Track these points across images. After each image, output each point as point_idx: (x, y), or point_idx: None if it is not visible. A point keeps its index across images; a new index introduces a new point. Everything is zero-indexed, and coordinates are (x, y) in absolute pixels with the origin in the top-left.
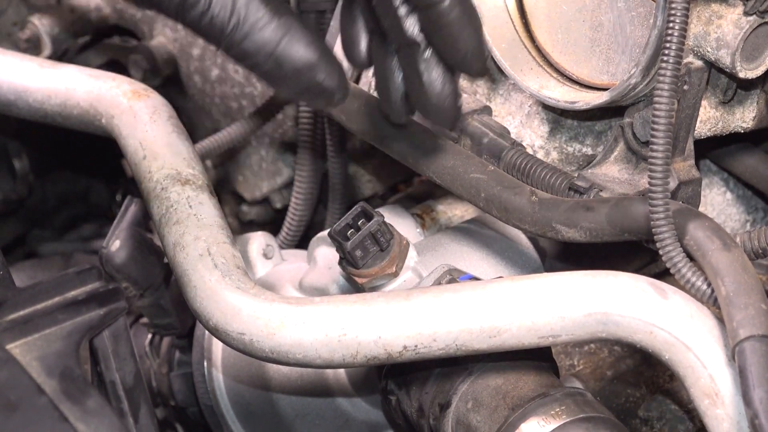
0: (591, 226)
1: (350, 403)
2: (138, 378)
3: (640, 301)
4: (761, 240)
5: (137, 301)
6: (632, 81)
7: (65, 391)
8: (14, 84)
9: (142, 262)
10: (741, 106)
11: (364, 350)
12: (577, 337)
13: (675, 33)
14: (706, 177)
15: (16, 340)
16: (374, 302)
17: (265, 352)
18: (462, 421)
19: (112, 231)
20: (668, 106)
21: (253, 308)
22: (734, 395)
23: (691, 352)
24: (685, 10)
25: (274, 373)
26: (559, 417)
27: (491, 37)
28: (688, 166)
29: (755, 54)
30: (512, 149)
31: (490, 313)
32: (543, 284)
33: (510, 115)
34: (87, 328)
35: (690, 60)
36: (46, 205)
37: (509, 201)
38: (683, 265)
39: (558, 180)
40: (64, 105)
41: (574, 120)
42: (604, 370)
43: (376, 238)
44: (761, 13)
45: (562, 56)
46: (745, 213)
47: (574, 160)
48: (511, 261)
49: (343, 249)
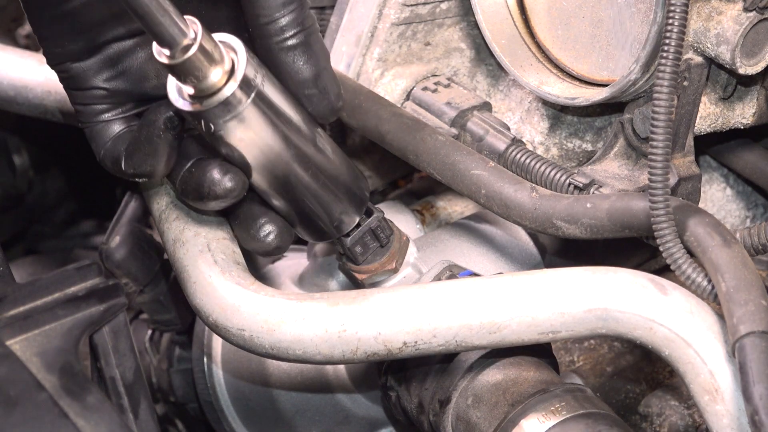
0: (591, 222)
1: (350, 399)
2: (138, 374)
3: (640, 297)
4: (761, 236)
5: (137, 297)
6: (632, 77)
7: (65, 386)
8: (14, 80)
9: (141, 258)
10: (741, 102)
11: (363, 346)
12: (577, 333)
13: (674, 29)
14: (706, 173)
15: (16, 336)
16: (374, 298)
17: (264, 348)
18: (462, 417)
19: (111, 227)
20: (668, 102)
21: (252, 304)
22: (734, 391)
23: (691, 348)
24: (684, 6)
25: (274, 369)
26: (559, 413)
27: (491, 33)
28: (688, 162)
29: (755, 50)
30: (512, 145)
31: (489, 309)
32: (543, 280)
33: (510, 111)
34: (87, 324)
35: (690, 56)
36: (45, 201)
37: (510, 197)
38: (683, 262)
39: (558, 176)
40: (64, 101)
41: (574, 116)
42: (604, 366)
43: (375, 234)
44: (761, 9)
45: (562, 52)
46: (745, 209)
47: (574, 156)
48: (511, 257)
49: (343, 245)
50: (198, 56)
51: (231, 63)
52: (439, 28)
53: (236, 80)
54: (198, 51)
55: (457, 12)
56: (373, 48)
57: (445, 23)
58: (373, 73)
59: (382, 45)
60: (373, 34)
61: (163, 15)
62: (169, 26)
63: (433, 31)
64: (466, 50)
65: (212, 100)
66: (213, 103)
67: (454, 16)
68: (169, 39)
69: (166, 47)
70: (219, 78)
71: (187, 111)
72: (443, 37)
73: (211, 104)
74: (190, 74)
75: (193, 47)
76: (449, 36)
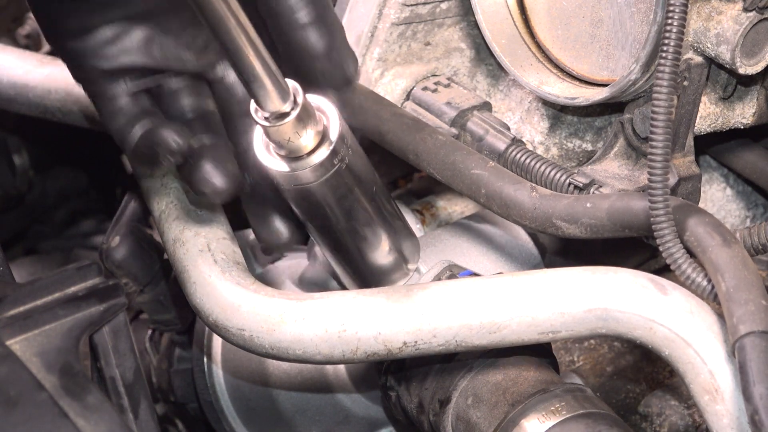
0: (591, 222)
1: (350, 399)
2: (138, 374)
3: (640, 297)
4: (761, 236)
5: (137, 297)
6: (632, 77)
7: (65, 386)
8: (14, 80)
9: (142, 258)
10: (741, 102)
11: (363, 346)
12: (577, 332)
13: (674, 29)
14: (706, 173)
15: (16, 336)
16: (374, 298)
17: (264, 347)
18: (462, 417)
19: (112, 227)
20: (667, 102)
21: (252, 304)
22: (734, 391)
23: (691, 348)
24: (683, 5)
25: (274, 369)
26: (559, 413)
27: (491, 33)
28: (688, 162)
29: (755, 50)
30: (512, 145)
31: (489, 308)
32: (543, 280)
33: (510, 111)
34: (87, 323)
35: (690, 56)
36: (46, 201)
37: (510, 197)
38: (683, 262)
39: (558, 176)
40: (64, 101)
41: (574, 116)
42: (604, 365)
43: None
44: (761, 9)
45: (562, 52)
46: (745, 209)
47: (574, 156)
48: (511, 257)
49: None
50: (293, 124)
51: (323, 129)
52: (439, 28)
53: (329, 146)
54: (295, 118)
55: (457, 12)
56: (373, 48)
57: (445, 23)
58: (373, 73)
59: (382, 45)
60: (373, 34)
61: (267, 76)
62: (271, 91)
63: (433, 31)
64: (466, 50)
65: (299, 164)
66: (302, 166)
67: (454, 16)
68: (267, 103)
69: (264, 110)
70: (309, 142)
71: (275, 171)
72: (443, 37)
73: (299, 167)
74: (281, 138)
75: (292, 114)
76: (449, 36)
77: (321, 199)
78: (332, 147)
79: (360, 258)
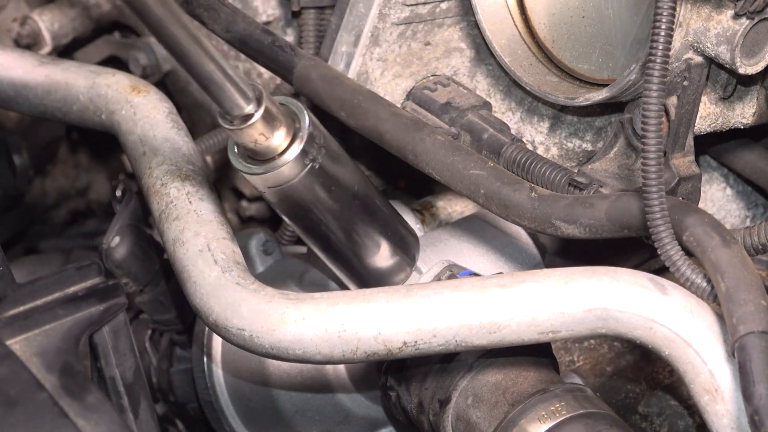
0: (590, 222)
1: (350, 399)
2: (138, 374)
3: (640, 297)
4: (761, 236)
5: (137, 297)
6: (631, 77)
7: (65, 386)
8: (14, 80)
9: (141, 258)
10: (741, 102)
11: (363, 346)
12: (577, 332)
13: (662, 26)
14: (705, 173)
15: (16, 335)
16: (374, 298)
17: (264, 347)
18: (462, 417)
19: (112, 227)
20: (657, 100)
21: (252, 304)
22: (734, 391)
23: (691, 348)
24: (671, 7)
25: (274, 369)
26: (559, 413)
27: (491, 33)
28: (688, 162)
29: (755, 50)
30: (512, 145)
31: (489, 308)
32: (543, 280)
33: (510, 111)
34: (87, 323)
35: (690, 56)
36: (46, 201)
37: (509, 197)
38: (681, 263)
39: (558, 176)
40: (64, 101)
41: (574, 116)
42: (604, 365)
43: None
44: (750, 13)
45: (562, 52)
46: (745, 209)
47: (574, 155)
48: (511, 257)
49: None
50: (259, 125)
51: (294, 129)
52: (439, 28)
53: (299, 144)
54: (260, 119)
55: (457, 12)
56: (373, 48)
57: (445, 23)
58: (373, 73)
59: (382, 45)
60: (373, 34)
61: (224, 79)
62: (232, 94)
63: (433, 30)
64: (466, 50)
65: (271, 165)
66: (274, 167)
67: (454, 16)
68: (230, 107)
69: (228, 113)
70: (280, 143)
71: (247, 175)
72: (443, 37)
73: (270, 168)
74: (248, 140)
75: (256, 115)
76: (449, 36)
77: (299, 200)
78: (302, 146)
79: (353, 258)
